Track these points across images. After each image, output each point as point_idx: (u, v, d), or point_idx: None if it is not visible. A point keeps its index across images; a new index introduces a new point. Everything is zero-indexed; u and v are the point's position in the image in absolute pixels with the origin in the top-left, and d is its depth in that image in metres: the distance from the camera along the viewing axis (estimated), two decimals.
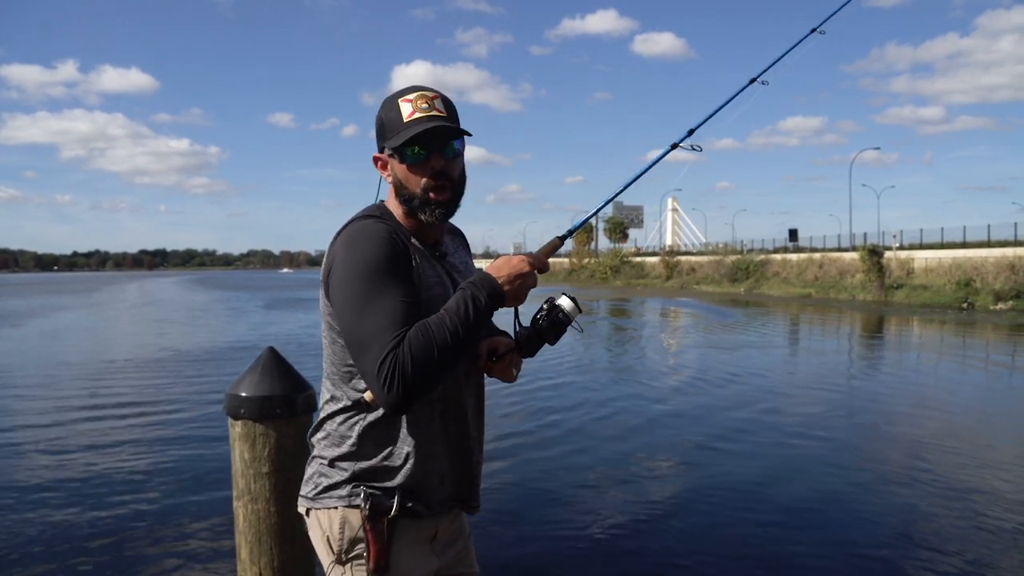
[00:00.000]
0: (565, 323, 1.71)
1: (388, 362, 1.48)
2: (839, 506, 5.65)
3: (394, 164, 1.70)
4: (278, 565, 2.57)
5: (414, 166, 1.66)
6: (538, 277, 1.68)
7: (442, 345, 1.50)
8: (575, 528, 5.19)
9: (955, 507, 5.56)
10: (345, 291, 1.58)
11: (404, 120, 1.66)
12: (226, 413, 2.57)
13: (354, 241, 1.62)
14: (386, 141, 1.69)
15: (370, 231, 1.62)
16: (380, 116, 1.71)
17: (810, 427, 8.40)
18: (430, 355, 1.49)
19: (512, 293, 1.62)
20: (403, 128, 1.65)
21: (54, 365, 14.63)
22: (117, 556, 4.69)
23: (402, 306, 1.55)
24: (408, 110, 1.66)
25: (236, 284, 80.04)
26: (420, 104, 1.67)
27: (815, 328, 23.30)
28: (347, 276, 1.59)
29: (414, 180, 1.67)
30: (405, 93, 1.70)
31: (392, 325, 1.52)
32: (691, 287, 52.47)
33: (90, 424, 8.85)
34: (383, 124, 1.70)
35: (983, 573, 4.37)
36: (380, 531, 1.66)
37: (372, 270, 1.57)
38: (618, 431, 8.15)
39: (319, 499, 1.73)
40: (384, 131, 1.70)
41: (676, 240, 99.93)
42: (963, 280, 32.65)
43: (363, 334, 1.54)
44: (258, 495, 2.54)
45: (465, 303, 1.56)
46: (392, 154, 1.69)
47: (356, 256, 1.59)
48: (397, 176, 1.70)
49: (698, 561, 4.65)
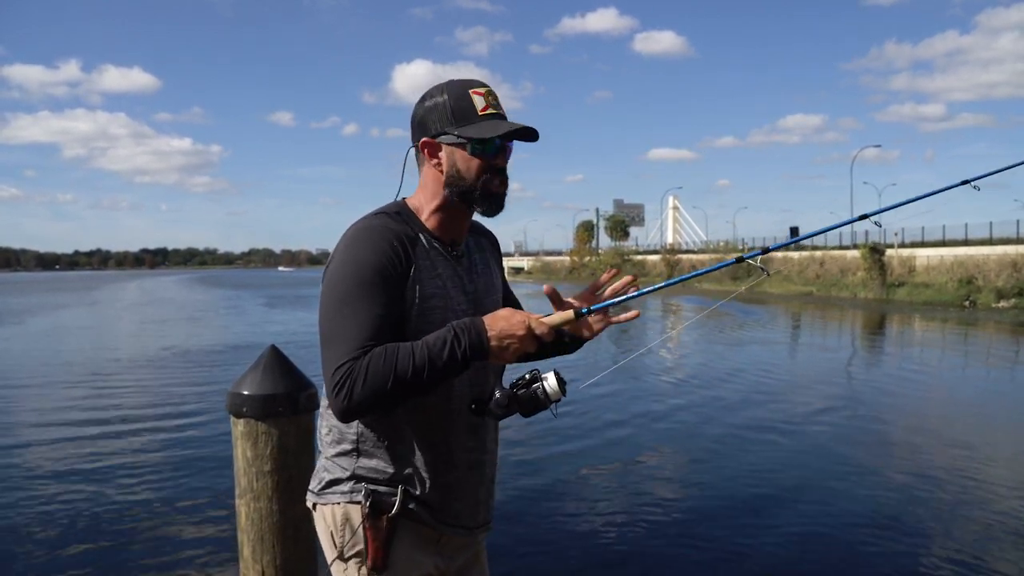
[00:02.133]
0: (543, 403, 1.59)
1: (344, 370, 1.49)
2: (840, 502, 5.66)
3: (456, 153, 1.65)
4: (281, 563, 2.57)
5: (484, 159, 1.64)
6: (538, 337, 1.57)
7: (400, 376, 1.49)
8: (579, 531, 5.20)
9: (955, 502, 5.56)
10: (331, 288, 1.59)
11: (479, 112, 1.64)
12: (228, 411, 2.57)
13: (355, 242, 1.61)
14: (456, 128, 1.64)
15: (373, 235, 1.61)
16: (445, 101, 1.66)
17: (811, 422, 8.40)
18: (383, 381, 1.48)
19: (497, 351, 1.55)
20: (478, 120, 1.64)
21: (55, 364, 14.64)
22: (119, 554, 4.69)
23: (378, 320, 1.54)
24: (481, 103, 1.65)
25: (236, 283, 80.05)
26: (491, 100, 1.66)
27: (834, 325, 23.28)
28: (337, 275, 1.59)
29: (477, 171, 1.64)
30: (473, 85, 1.67)
31: (361, 335, 1.52)
32: (691, 285, 52.42)
33: (92, 423, 8.85)
34: (451, 110, 1.65)
35: (979, 567, 4.37)
36: (379, 529, 1.65)
37: (361, 275, 1.57)
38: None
39: (323, 494, 1.73)
40: (452, 117, 1.64)
41: (677, 238, 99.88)
42: (965, 278, 32.61)
43: (332, 333, 1.55)
44: (260, 493, 2.54)
45: (443, 344, 1.52)
46: (460, 143, 1.64)
47: (351, 257, 1.59)
48: (456, 165, 1.65)
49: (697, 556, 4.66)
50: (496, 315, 1.57)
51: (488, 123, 1.64)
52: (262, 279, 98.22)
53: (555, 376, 1.59)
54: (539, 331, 1.56)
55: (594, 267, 70.75)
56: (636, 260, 69.52)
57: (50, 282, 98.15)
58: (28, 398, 10.91)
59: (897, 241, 45.21)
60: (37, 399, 10.75)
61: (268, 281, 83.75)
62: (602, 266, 69.39)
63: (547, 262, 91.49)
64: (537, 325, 1.56)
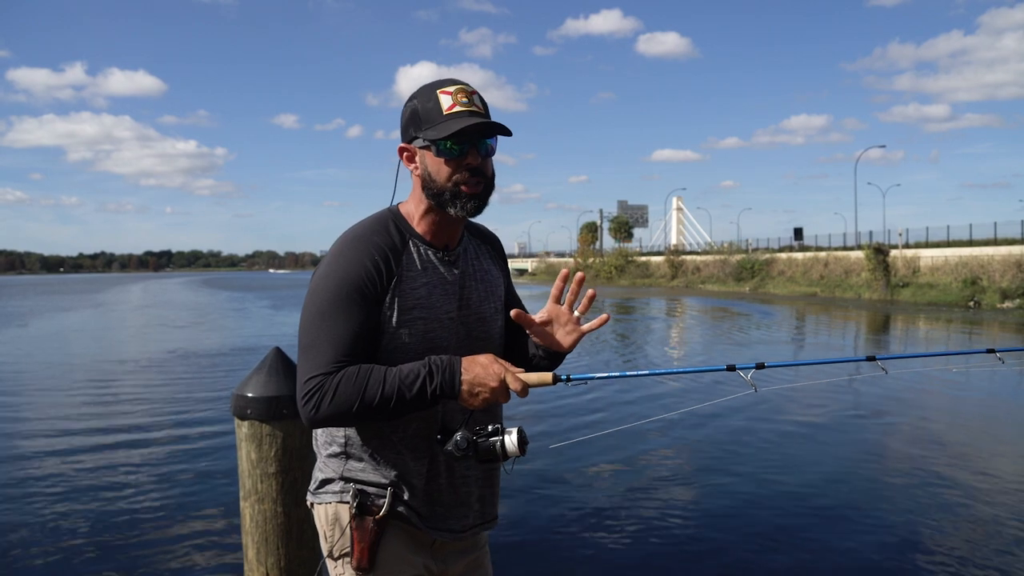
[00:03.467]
0: (498, 457, 1.60)
1: (315, 383, 1.53)
2: (842, 499, 5.65)
3: (426, 156, 1.64)
4: (285, 565, 2.57)
5: (450, 160, 1.62)
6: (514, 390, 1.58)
7: (366, 402, 1.52)
8: (584, 537, 5.19)
9: (959, 504, 5.55)
10: (312, 298, 1.61)
11: (444, 112, 1.61)
12: (233, 413, 2.57)
13: (340, 255, 1.63)
14: (422, 132, 1.63)
15: (359, 248, 1.62)
16: (415, 105, 1.65)
17: (813, 420, 8.39)
18: (350, 403, 1.52)
19: (467, 396, 1.56)
20: (442, 120, 1.61)
21: (60, 366, 14.67)
22: (123, 555, 4.69)
23: (353, 336, 1.56)
24: (447, 102, 1.62)
25: (234, 285, 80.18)
26: (460, 98, 1.63)
27: (839, 324, 23.26)
28: (319, 286, 1.61)
29: (446, 174, 1.62)
30: (444, 85, 1.65)
31: (335, 349, 1.55)
32: (696, 286, 52.39)
33: (96, 425, 8.87)
34: (418, 114, 1.64)
35: (981, 569, 4.36)
36: (365, 530, 1.66)
37: (341, 290, 1.58)
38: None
39: (317, 494, 1.75)
40: (419, 121, 1.63)
41: (681, 239, 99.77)
42: (969, 278, 32.50)
43: (309, 343, 1.57)
44: (265, 495, 2.54)
45: (415, 379, 1.53)
46: (426, 145, 1.63)
47: (334, 270, 1.61)
48: (428, 169, 1.64)
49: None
50: (476, 360, 1.57)
51: (449, 122, 1.60)
52: (253, 281, 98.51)
53: (518, 434, 1.59)
54: (514, 387, 1.57)
55: (598, 268, 70.70)
56: (640, 261, 69.48)
57: (54, 285, 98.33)
58: (33, 401, 10.93)
59: (901, 241, 45.13)
60: (42, 402, 10.77)
61: (260, 283, 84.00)
62: (606, 267, 69.39)
63: (551, 263, 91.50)
64: (512, 381, 1.56)
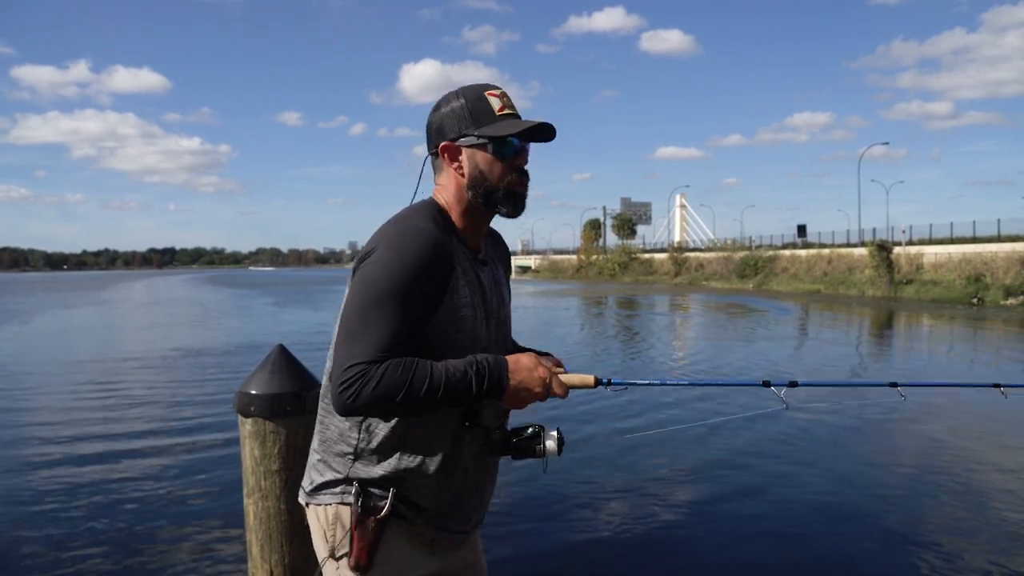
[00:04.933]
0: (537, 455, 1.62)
1: (358, 370, 1.47)
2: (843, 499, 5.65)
3: (477, 154, 1.67)
4: (289, 562, 2.58)
5: (504, 159, 1.67)
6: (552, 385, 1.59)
7: (413, 394, 1.48)
8: (585, 534, 5.20)
9: (965, 503, 5.55)
10: (367, 285, 1.55)
11: (496, 112, 1.67)
12: (236, 411, 2.57)
13: (402, 243, 1.57)
14: (477, 129, 1.66)
15: (421, 239, 1.57)
16: (463, 104, 1.68)
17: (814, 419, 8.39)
18: (395, 392, 1.47)
19: (512, 399, 1.58)
20: (497, 120, 1.67)
21: (63, 363, 14.69)
22: (127, 552, 4.71)
23: (405, 329, 1.53)
24: (497, 104, 1.68)
25: (240, 282, 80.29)
26: (507, 101, 1.70)
27: (843, 318, 23.23)
28: (377, 272, 1.55)
29: (499, 173, 1.67)
30: (488, 88, 1.71)
31: (385, 340, 1.50)
32: (699, 283, 52.34)
33: (99, 422, 8.89)
34: (467, 112, 1.67)
35: (991, 570, 4.36)
36: (366, 530, 1.64)
37: (402, 280, 1.53)
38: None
39: (315, 495, 1.73)
40: (470, 120, 1.67)
41: (684, 236, 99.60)
42: (973, 275, 32.44)
43: (357, 330, 1.52)
44: (268, 492, 2.55)
45: (463, 376, 1.52)
46: (481, 144, 1.66)
47: (395, 257, 1.55)
48: (479, 166, 1.67)
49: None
50: (520, 362, 1.58)
51: (507, 122, 1.67)
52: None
53: (558, 436, 1.61)
54: (558, 391, 1.58)
55: (601, 266, 70.65)
56: (643, 258, 69.41)
57: (58, 282, 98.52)
58: (37, 398, 10.95)
59: (905, 239, 45.04)
60: (46, 399, 10.79)
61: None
62: (609, 265, 69.33)
63: (554, 261, 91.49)
64: (557, 385, 1.58)
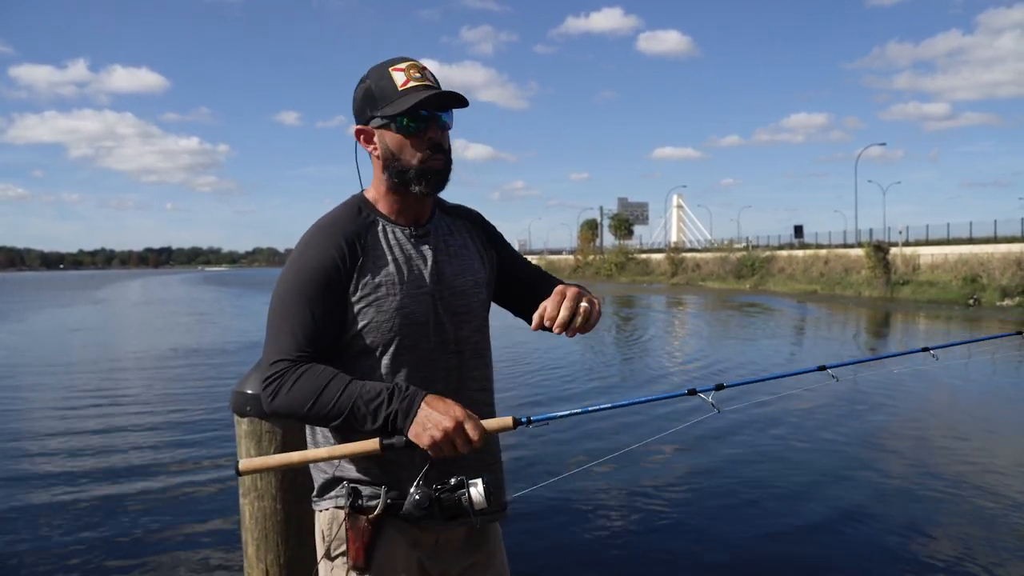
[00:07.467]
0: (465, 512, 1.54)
1: (278, 371, 1.54)
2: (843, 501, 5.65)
3: (385, 135, 1.64)
4: (285, 562, 2.57)
5: (410, 136, 1.61)
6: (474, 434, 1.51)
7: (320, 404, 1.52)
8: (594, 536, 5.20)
9: (957, 500, 5.56)
10: (279, 284, 1.64)
11: (399, 88, 1.60)
12: (232, 410, 2.56)
13: (305, 244, 1.66)
14: (379, 110, 1.62)
15: (322, 236, 1.64)
16: (368, 85, 1.64)
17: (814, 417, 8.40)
18: (303, 402, 1.52)
19: (415, 432, 1.49)
20: (399, 96, 1.60)
21: (59, 363, 14.68)
22: (123, 551, 4.70)
23: (316, 321, 1.58)
24: (401, 79, 1.61)
25: (235, 281, 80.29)
26: (413, 73, 1.62)
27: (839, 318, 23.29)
28: (284, 273, 1.65)
29: (408, 151, 1.62)
30: (395, 62, 1.64)
31: (299, 335, 1.57)
32: (696, 283, 52.39)
33: (94, 421, 8.88)
34: (372, 92, 1.63)
35: (982, 566, 4.36)
36: (359, 530, 1.63)
37: (303, 277, 1.61)
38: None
39: (318, 501, 1.74)
40: (375, 100, 1.63)
41: (681, 237, 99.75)
42: (969, 276, 32.48)
43: (274, 326, 1.61)
44: (264, 492, 2.54)
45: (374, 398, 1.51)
46: (385, 124, 1.63)
47: (297, 259, 1.64)
48: (388, 147, 1.64)
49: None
50: (440, 398, 1.53)
51: (406, 97, 1.59)
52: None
53: (483, 485, 1.54)
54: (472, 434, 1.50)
55: (598, 266, 70.68)
56: (640, 259, 69.45)
57: (54, 281, 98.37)
58: (30, 399, 10.94)
59: (902, 239, 45.12)
60: (41, 399, 10.78)
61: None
62: (606, 265, 69.36)
63: (551, 260, 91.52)
64: (472, 428, 1.50)
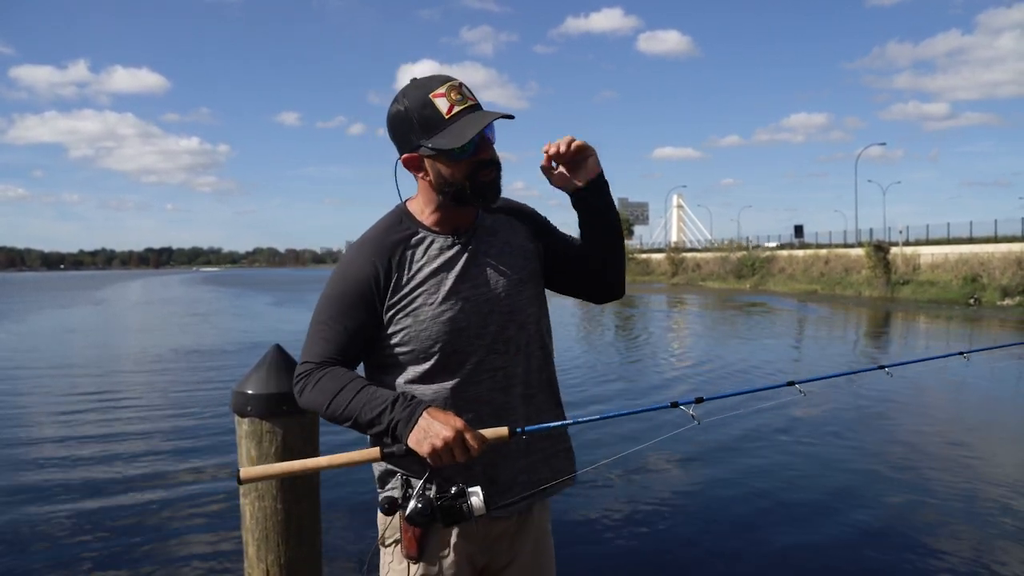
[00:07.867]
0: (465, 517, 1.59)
1: (304, 372, 1.69)
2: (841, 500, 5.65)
3: (437, 164, 1.65)
4: (285, 562, 2.57)
5: (467, 157, 1.62)
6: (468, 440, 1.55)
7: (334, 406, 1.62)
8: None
9: (958, 501, 5.56)
10: (324, 292, 1.75)
11: (445, 117, 1.60)
12: (233, 411, 2.57)
13: (347, 259, 1.75)
14: (428, 139, 1.62)
15: (363, 250, 1.72)
16: (407, 111, 1.64)
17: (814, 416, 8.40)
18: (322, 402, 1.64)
19: (415, 441, 1.53)
20: (447, 124, 1.60)
21: (60, 364, 14.67)
22: (124, 552, 4.70)
23: (346, 333, 1.69)
24: (445, 105, 1.61)
25: (237, 282, 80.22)
26: (454, 96, 1.61)
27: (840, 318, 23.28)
28: (328, 283, 1.76)
29: (463, 173, 1.64)
30: (432, 86, 1.63)
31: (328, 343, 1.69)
32: (697, 283, 52.38)
33: (95, 422, 8.88)
34: (414, 121, 1.63)
35: (987, 569, 4.36)
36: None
37: (341, 289, 1.71)
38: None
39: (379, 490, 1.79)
40: (420, 129, 1.62)
41: (681, 237, 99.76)
42: (969, 276, 32.46)
43: (311, 331, 1.73)
44: (265, 492, 2.54)
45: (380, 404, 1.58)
46: (436, 153, 1.63)
47: (339, 270, 1.75)
48: (442, 174, 1.65)
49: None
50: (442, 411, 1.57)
51: (457, 125, 1.60)
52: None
53: (480, 495, 1.58)
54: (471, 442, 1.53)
55: None
56: (641, 259, 69.41)
57: (54, 282, 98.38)
58: (33, 398, 10.93)
59: (902, 239, 45.09)
60: (42, 399, 10.77)
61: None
62: None
63: None
64: (471, 438, 1.53)
